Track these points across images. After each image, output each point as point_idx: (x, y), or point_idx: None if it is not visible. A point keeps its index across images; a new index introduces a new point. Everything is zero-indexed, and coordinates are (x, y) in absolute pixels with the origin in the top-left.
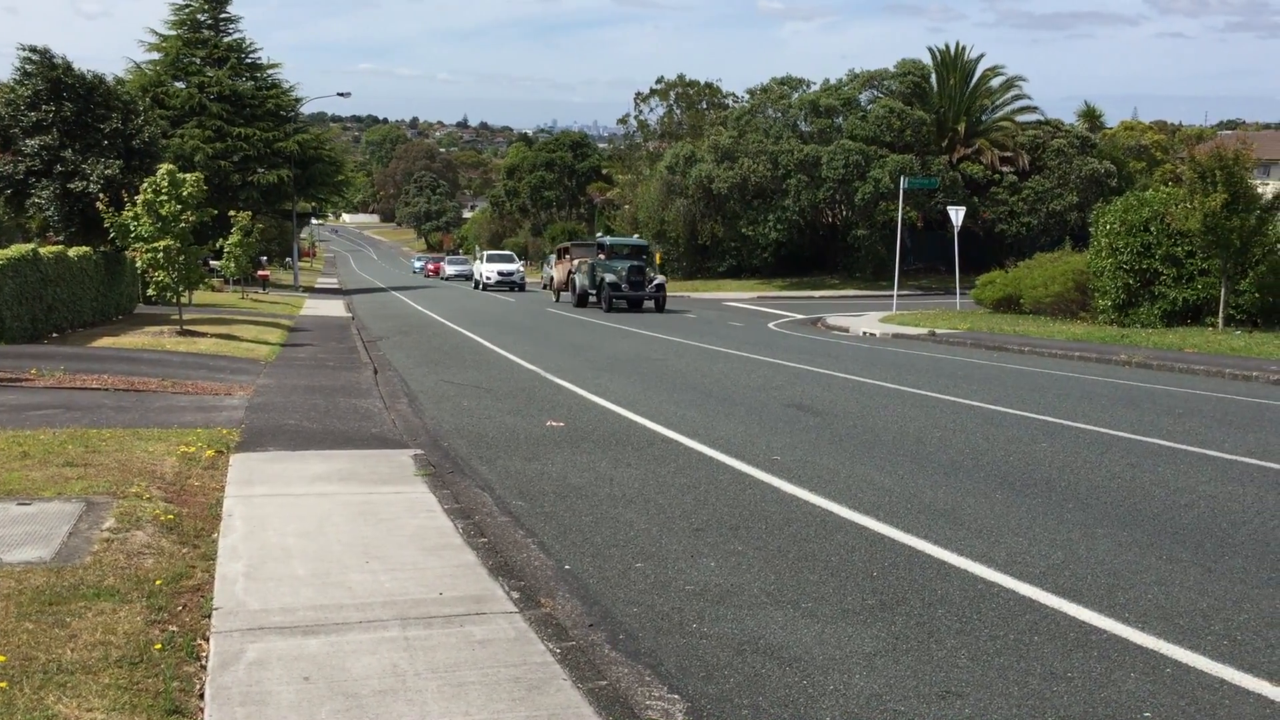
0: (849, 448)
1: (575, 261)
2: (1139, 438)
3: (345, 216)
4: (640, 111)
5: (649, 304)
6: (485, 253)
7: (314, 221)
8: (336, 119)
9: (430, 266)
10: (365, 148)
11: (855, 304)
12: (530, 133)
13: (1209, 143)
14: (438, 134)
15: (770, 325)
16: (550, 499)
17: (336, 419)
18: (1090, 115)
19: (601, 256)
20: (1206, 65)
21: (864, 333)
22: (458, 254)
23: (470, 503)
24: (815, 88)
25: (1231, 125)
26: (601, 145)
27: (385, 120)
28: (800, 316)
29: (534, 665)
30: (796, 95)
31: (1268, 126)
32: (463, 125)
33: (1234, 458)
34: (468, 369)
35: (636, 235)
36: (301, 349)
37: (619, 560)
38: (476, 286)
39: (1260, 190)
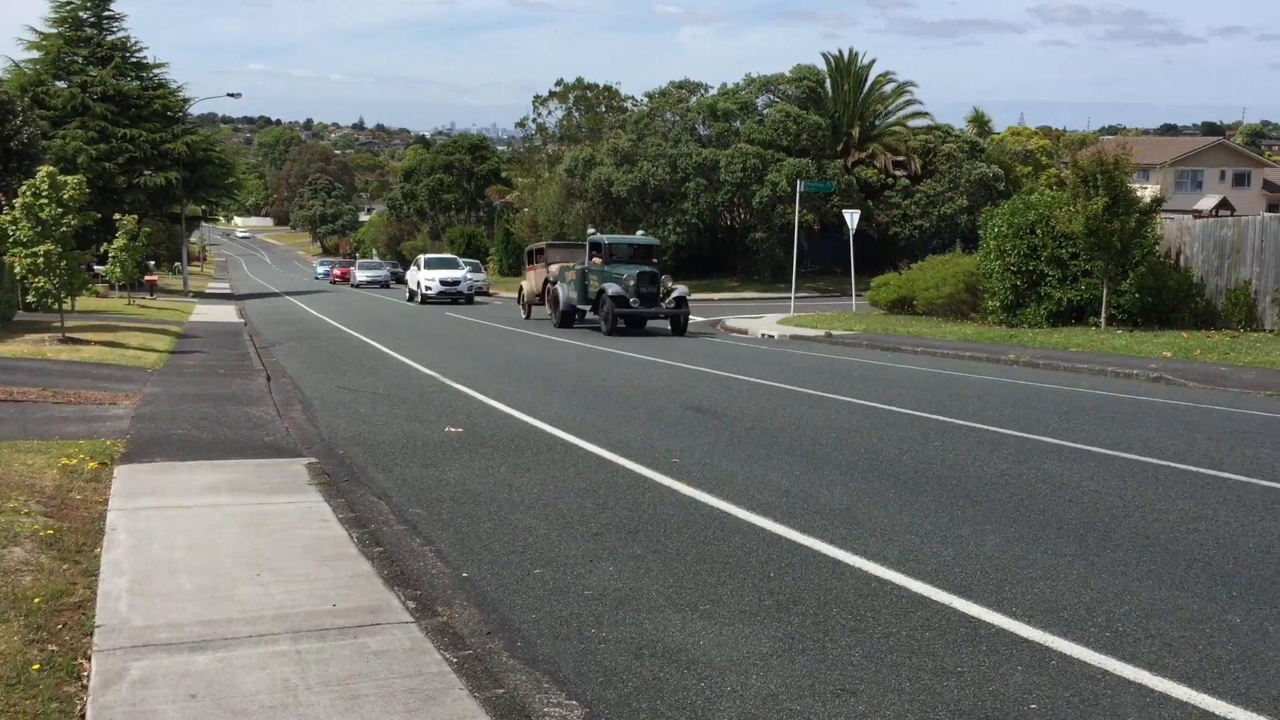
0: (747, 449)
1: (555, 267)
2: (1026, 435)
3: (238, 220)
4: (539, 114)
5: (661, 322)
6: (424, 256)
7: (204, 225)
8: (228, 120)
9: (338, 271)
10: (258, 149)
11: (754, 306)
12: (428, 135)
13: (1091, 148)
14: (333, 136)
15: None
16: (448, 506)
17: (227, 428)
18: (979, 121)
19: (596, 261)
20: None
21: (763, 335)
22: (372, 257)
23: (366, 511)
24: (713, 92)
25: (1113, 130)
26: (501, 148)
27: (278, 122)
28: (700, 319)
29: (430, 675)
30: (695, 99)
31: (1146, 132)
32: (359, 127)
33: (1115, 453)
34: (365, 375)
35: (640, 231)
36: (191, 356)
37: (518, 566)
38: (413, 299)
39: (1139, 194)
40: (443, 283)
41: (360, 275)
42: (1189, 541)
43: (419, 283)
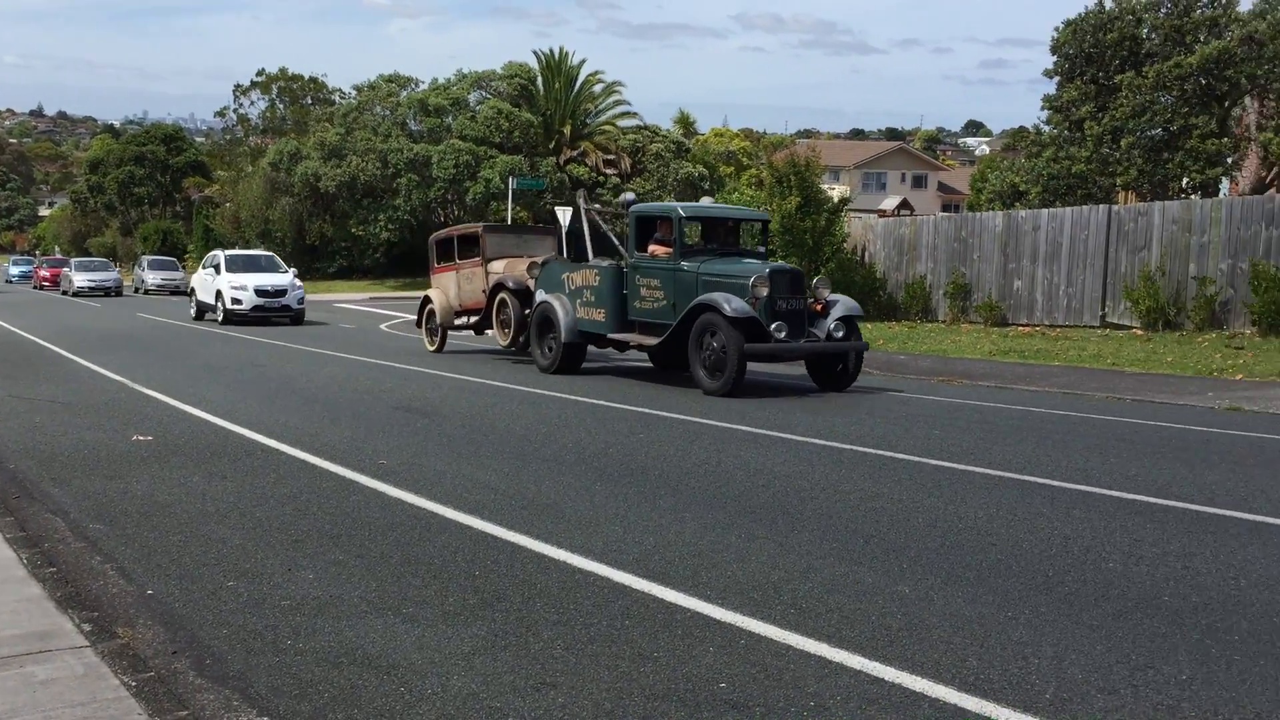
0: (457, 448)
1: (501, 265)
2: (725, 425)
3: None
4: (240, 105)
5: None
6: (223, 254)
7: None
8: None
9: (46, 273)
10: None
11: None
12: (118, 124)
13: (786, 150)
14: (8, 123)
15: (383, 326)
16: (134, 520)
17: None
18: (685, 122)
19: (657, 251)
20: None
21: (474, 332)
22: (54, 254)
23: (39, 530)
24: (424, 86)
25: (808, 134)
26: (199, 139)
27: None
28: (414, 317)
29: (105, 702)
30: (405, 93)
31: (837, 136)
32: (37, 114)
33: (805, 439)
34: (43, 382)
35: (708, 200)
36: None
37: (209, 580)
38: (202, 316)
39: (829, 194)
40: (260, 293)
41: (80, 279)
42: (867, 519)
43: (219, 293)
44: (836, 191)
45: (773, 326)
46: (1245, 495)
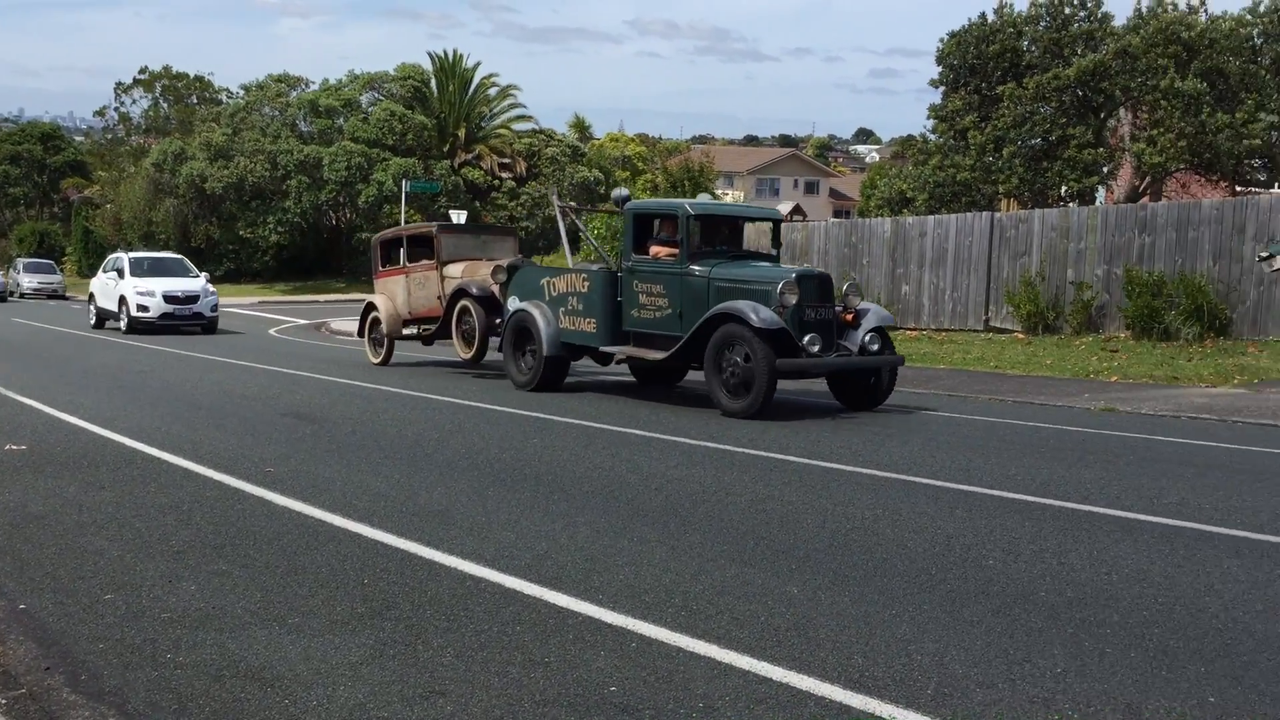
0: (347, 455)
1: (457, 268)
2: (621, 429)
3: None
4: (122, 103)
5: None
6: (126, 256)
7: None
8: None
9: None
10: None
11: (361, 308)
12: None
13: (681, 155)
14: None
15: (271, 331)
16: (4, 532)
17: None
18: (580, 126)
19: (660, 253)
20: (681, 84)
21: None
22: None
23: None
24: (315, 87)
25: (703, 140)
26: (79, 139)
27: None
28: (303, 321)
29: None
30: (295, 94)
31: (732, 142)
32: None
33: (698, 443)
34: None
35: (705, 196)
36: None
37: (85, 593)
38: (102, 324)
39: (724, 198)
40: (169, 299)
41: (27, 281)
42: (758, 521)
43: (123, 299)
44: (730, 197)
45: (805, 339)
46: (1118, 493)
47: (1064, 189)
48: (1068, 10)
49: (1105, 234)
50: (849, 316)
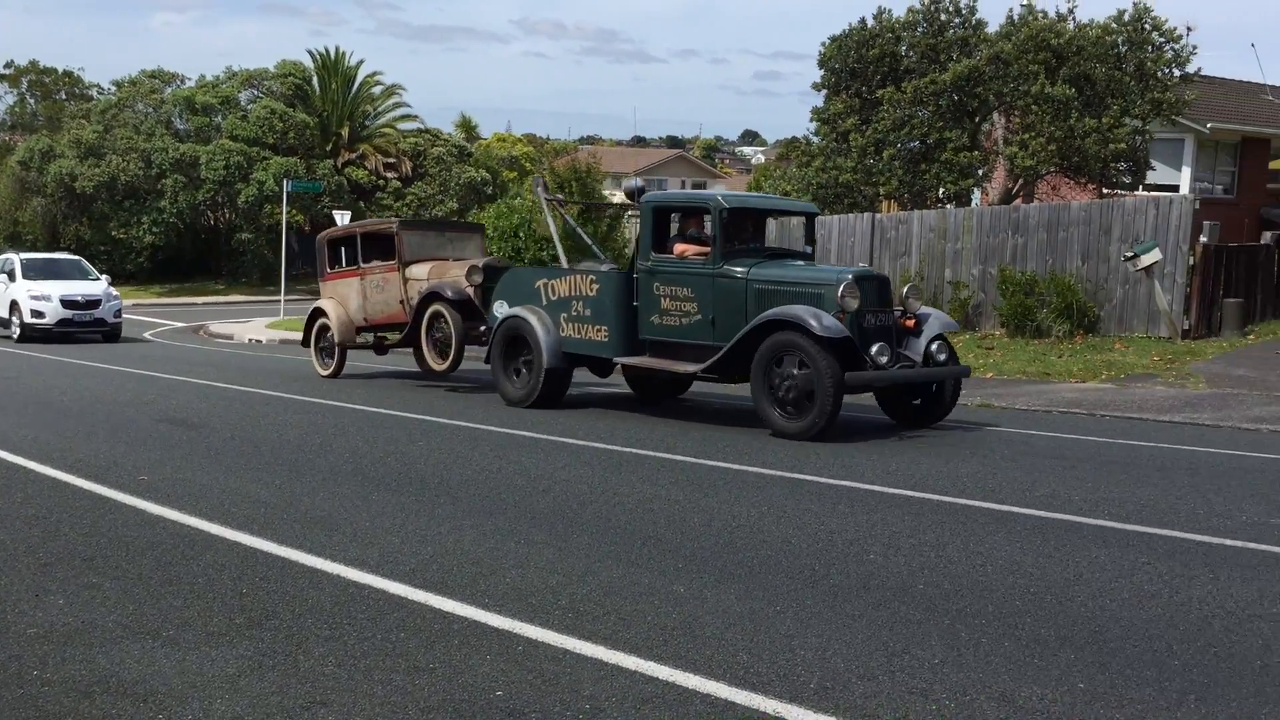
0: (225, 461)
1: (422, 269)
2: (507, 430)
3: None
4: None
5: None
6: (17, 257)
7: None
8: None
9: None
10: None
11: (242, 310)
12: None
13: (569, 156)
14: None
15: (147, 335)
16: None
17: None
18: (467, 126)
19: (686, 251)
20: (568, 84)
21: (250, 340)
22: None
23: None
24: (191, 84)
25: (591, 140)
26: None
27: None
28: (181, 325)
29: None
30: (170, 90)
31: (620, 143)
32: None
33: (585, 443)
34: None
35: (718, 186)
36: None
37: None
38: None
39: (611, 199)
40: (67, 304)
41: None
42: (645, 520)
43: (15, 304)
44: (618, 197)
45: (874, 349)
46: (993, 487)
47: (941, 191)
48: (943, 17)
49: (980, 235)
50: (909, 322)
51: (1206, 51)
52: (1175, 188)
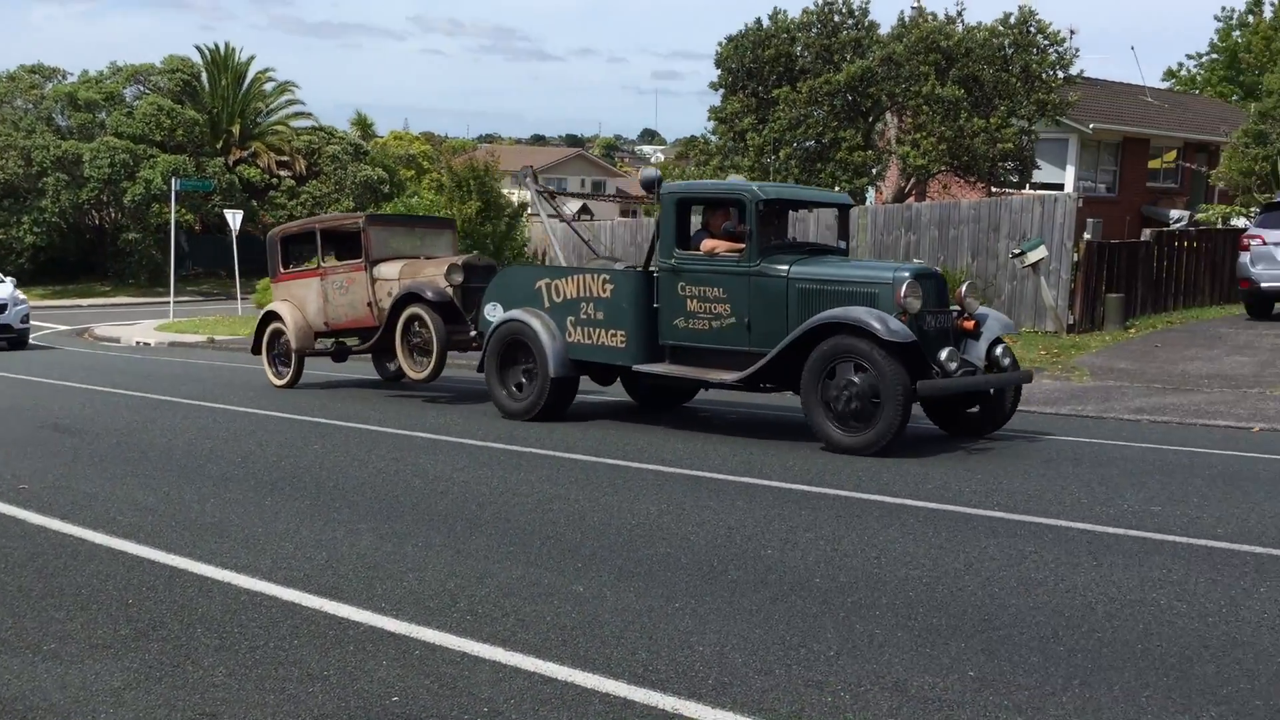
0: (111, 468)
1: (393, 268)
2: (404, 433)
3: None
4: None
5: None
6: None
7: None
8: None
9: None
10: None
11: (130, 312)
12: None
13: (467, 154)
14: None
15: (30, 339)
16: None
17: None
18: (363, 124)
19: (715, 248)
20: (466, 82)
21: (138, 342)
22: None
23: None
24: (74, 79)
25: (490, 138)
26: None
27: None
28: (65, 328)
29: None
30: (51, 86)
31: (519, 141)
32: None
33: (484, 444)
34: None
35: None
36: None
37: None
38: None
39: (510, 198)
40: None
41: None
42: (545, 520)
43: None
44: (517, 196)
45: (943, 354)
46: (888, 480)
47: (837, 189)
48: (837, 18)
49: (875, 232)
50: (969, 324)
51: (1089, 54)
52: (1060, 186)
